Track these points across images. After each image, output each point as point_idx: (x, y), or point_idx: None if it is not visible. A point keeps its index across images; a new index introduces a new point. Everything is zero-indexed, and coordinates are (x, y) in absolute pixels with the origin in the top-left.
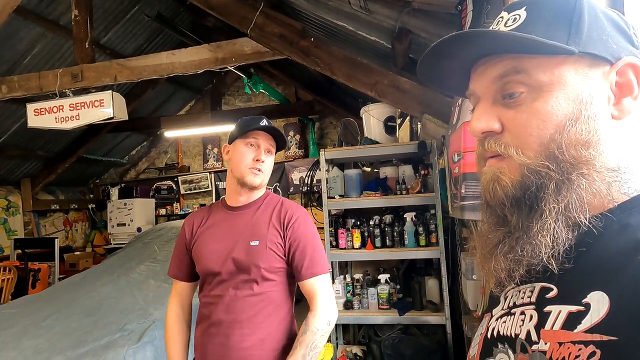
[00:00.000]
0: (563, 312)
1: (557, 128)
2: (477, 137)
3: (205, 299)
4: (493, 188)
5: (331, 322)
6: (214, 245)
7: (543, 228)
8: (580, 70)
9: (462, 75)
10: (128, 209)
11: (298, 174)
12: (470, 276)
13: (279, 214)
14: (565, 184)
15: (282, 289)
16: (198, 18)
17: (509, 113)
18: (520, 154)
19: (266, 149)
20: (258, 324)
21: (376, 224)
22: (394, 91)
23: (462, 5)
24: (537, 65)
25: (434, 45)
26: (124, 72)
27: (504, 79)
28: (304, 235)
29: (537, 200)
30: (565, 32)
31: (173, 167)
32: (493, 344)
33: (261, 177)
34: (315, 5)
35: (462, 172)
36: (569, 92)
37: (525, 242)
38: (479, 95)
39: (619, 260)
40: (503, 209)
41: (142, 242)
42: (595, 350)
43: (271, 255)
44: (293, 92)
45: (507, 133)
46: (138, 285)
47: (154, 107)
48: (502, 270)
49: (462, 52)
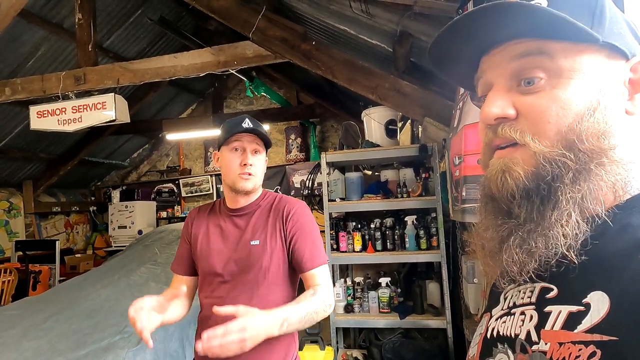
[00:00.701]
0: (563, 312)
1: (576, 117)
2: (489, 123)
3: (207, 300)
4: (502, 179)
5: (331, 306)
6: (215, 246)
7: (561, 217)
8: (600, 61)
9: (471, 62)
10: (129, 212)
11: (299, 177)
12: (471, 280)
13: (278, 209)
14: (583, 174)
15: (284, 289)
16: (200, 22)
17: (526, 99)
18: (537, 141)
19: (253, 150)
20: None
21: (377, 227)
22: (395, 94)
23: (463, 9)
24: (560, 49)
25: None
26: (127, 75)
27: (525, 59)
28: (304, 227)
29: (551, 191)
30: (589, 20)
31: (174, 169)
32: (492, 344)
33: (253, 181)
34: (317, 9)
35: (463, 175)
36: (589, 81)
37: (539, 234)
38: (490, 80)
39: (620, 260)
40: (510, 202)
41: (142, 244)
42: (595, 350)
43: (272, 254)
44: (294, 95)
45: (522, 119)
46: (138, 288)
47: (156, 110)
48: (514, 264)
49: (483, 30)
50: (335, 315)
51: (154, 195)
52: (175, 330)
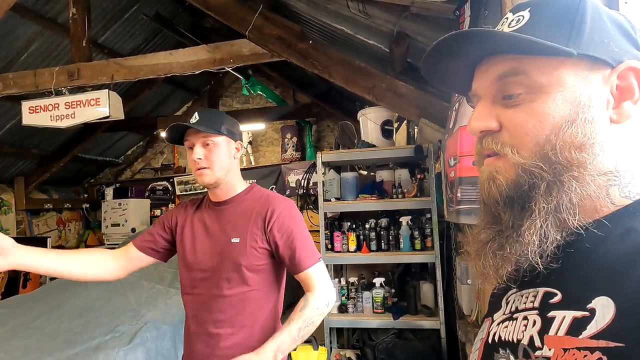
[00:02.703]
0: (567, 317)
1: (553, 129)
2: (475, 136)
3: (188, 297)
4: (488, 187)
5: (330, 304)
6: (196, 242)
7: (531, 226)
8: (580, 73)
9: (467, 74)
10: (122, 209)
11: (294, 176)
12: (465, 281)
13: (261, 211)
14: (557, 184)
15: (265, 287)
16: (197, 19)
17: (507, 112)
18: (515, 153)
19: (202, 144)
20: (240, 323)
21: (372, 227)
22: (392, 95)
23: (460, 11)
24: (537, 66)
25: (435, 44)
26: (121, 72)
27: (503, 80)
28: (290, 230)
29: (528, 200)
30: (567, 33)
31: (169, 167)
32: (494, 349)
33: (209, 175)
34: (314, 8)
35: (458, 177)
36: (567, 94)
37: (515, 240)
38: (480, 95)
39: (624, 265)
40: (497, 208)
41: None
42: (601, 356)
43: (252, 253)
44: (291, 94)
45: (505, 132)
46: (130, 287)
47: (151, 107)
48: (489, 267)
49: (464, 51)
50: (329, 315)
51: (148, 193)
52: (168, 330)
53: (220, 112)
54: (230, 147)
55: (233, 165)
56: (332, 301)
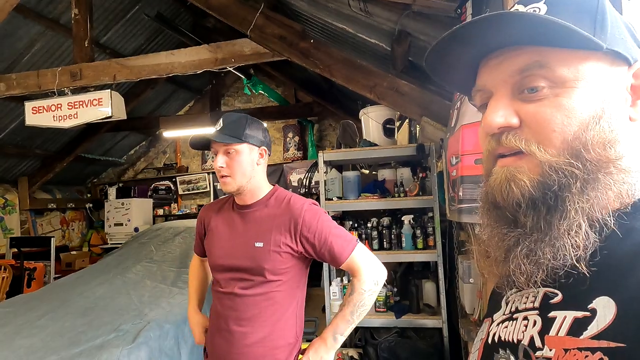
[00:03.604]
0: (568, 317)
1: (581, 125)
2: (491, 133)
3: (216, 293)
4: (508, 188)
5: (379, 282)
6: (222, 244)
7: (571, 228)
8: (603, 68)
9: (468, 69)
10: (125, 209)
11: (296, 175)
12: (467, 279)
13: (285, 218)
14: (591, 183)
15: (288, 289)
16: (198, 19)
17: (529, 107)
18: (542, 150)
19: (224, 152)
20: (261, 323)
21: (374, 226)
22: (393, 94)
23: (462, 9)
24: (561, 59)
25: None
26: (123, 72)
27: (525, 73)
28: (320, 229)
29: (558, 200)
30: (591, 27)
31: (171, 167)
32: (494, 350)
33: (231, 183)
34: (315, 7)
35: (460, 175)
36: (593, 89)
37: (547, 244)
38: (490, 89)
39: (625, 265)
40: (516, 211)
41: (139, 242)
42: (602, 357)
43: (275, 257)
44: (292, 93)
45: (526, 128)
46: (134, 286)
47: (153, 107)
48: (521, 274)
49: (483, 38)
50: (331, 314)
51: (151, 193)
52: (171, 329)
53: (243, 117)
54: (253, 154)
55: (256, 172)
56: (382, 278)
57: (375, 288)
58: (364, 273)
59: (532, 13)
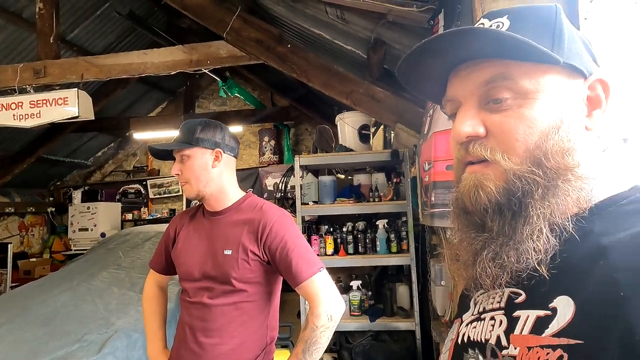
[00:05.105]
0: (531, 316)
1: (542, 135)
2: (460, 141)
3: (184, 303)
4: (476, 194)
5: (334, 317)
6: (191, 252)
7: (533, 233)
8: (561, 81)
9: (439, 79)
10: (91, 213)
11: (272, 179)
12: (439, 282)
13: (254, 224)
14: (551, 190)
15: (258, 299)
16: (172, 18)
17: (494, 117)
18: (506, 159)
19: (178, 160)
20: (230, 333)
21: (349, 230)
22: (369, 100)
23: (434, 21)
24: (523, 72)
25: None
26: (92, 70)
27: (491, 84)
28: (285, 242)
29: (522, 206)
30: (549, 42)
31: (142, 170)
32: (464, 350)
33: (188, 189)
34: (293, 12)
35: (432, 181)
36: (552, 101)
37: (511, 247)
38: (459, 100)
39: (583, 265)
40: (483, 216)
41: (105, 247)
42: (562, 354)
43: (243, 265)
44: (269, 97)
45: (492, 138)
46: (100, 293)
47: (123, 108)
48: (487, 277)
49: (452, 50)
50: None
51: (119, 197)
52: (139, 338)
53: (200, 122)
54: (205, 157)
55: (214, 176)
56: (338, 313)
57: (329, 324)
58: (319, 303)
59: (494, 29)
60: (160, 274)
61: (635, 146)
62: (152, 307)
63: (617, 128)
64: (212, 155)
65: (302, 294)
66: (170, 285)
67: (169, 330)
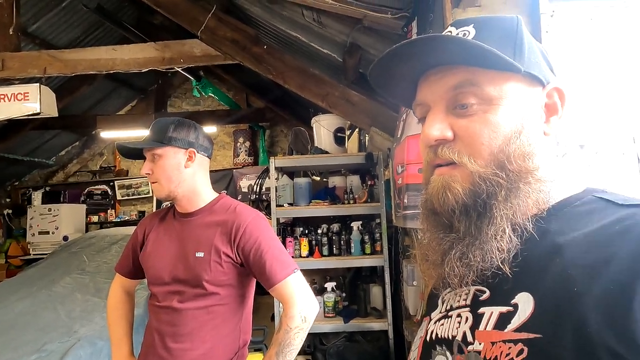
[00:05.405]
0: (495, 313)
1: (505, 139)
2: (429, 144)
3: (153, 307)
4: (444, 195)
5: (308, 318)
6: (161, 254)
7: (497, 233)
8: (522, 88)
9: (409, 83)
10: (53, 216)
11: (247, 181)
12: (411, 282)
13: (228, 225)
14: (513, 192)
15: (231, 302)
16: (144, 14)
17: (461, 122)
18: (473, 162)
19: (149, 159)
20: (201, 338)
21: (324, 232)
22: (344, 103)
23: (408, 28)
24: (488, 79)
25: (403, 44)
26: (56, 65)
27: (459, 90)
28: (258, 243)
29: (487, 207)
30: (511, 52)
31: (109, 170)
32: (432, 347)
33: (159, 189)
34: (269, 13)
35: (405, 183)
36: (514, 107)
37: (477, 247)
38: (428, 104)
39: (542, 263)
40: (451, 217)
41: (68, 251)
42: (523, 347)
43: (216, 267)
44: (244, 98)
45: (459, 141)
46: (62, 300)
47: (90, 105)
48: (455, 276)
49: (422, 56)
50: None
51: (84, 198)
52: (105, 346)
53: (172, 121)
54: (178, 157)
55: (186, 176)
56: (312, 314)
57: (303, 325)
58: (293, 305)
59: (461, 37)
60: (126, 277)
61: (591, 151)
62: (118, 313)
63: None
64: (186, 155)
65: (276, 296)
66: (139, 290)
67: (137, 336)
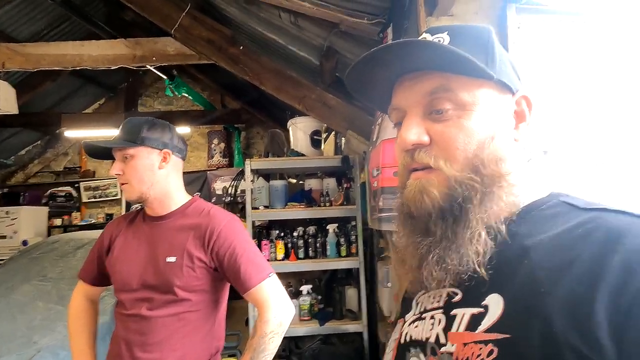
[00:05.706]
0: (467, 314)
1: (479, 144)
2: (406, 149)
3: (120, 316)
4: (420, 199)
5: (284, 323)
6: (129, 259)
7: (473, 236)
8: (494, 95)
9: (385, 88)
10: (11, 219)
11: (221, 183)
12: (385, 284)
13: (201, 229)
14: (488, 195)
15: (203, 308)
16: (114, 9)
17: (437, 127)
18: (449, 166)
19: (121, 158)
20: (171, 347)
21: (300, 235)
22: (321, 106)
23: (384, 34)
24: (461, 85)
25: (379, 48)
26: (16, 59)
27: (434, 95)
28: (233, 247)
29: (462, 211)
30: (484, 59)
31: (74, 171)
32: (406, 349)
33: (130, 190)
34: (246, 14)
35: (380, 186)
36: (487, 113)
37: (453, 251)
38: (404, 109)
39: (512, 265)
40: (428, 220)
41: (28, 257)
42: (493, 348)
43: (188, 272)
44: (219, 98)
45: (435, 146)
46: (21, 308)
47: (54, 102)
48: (433, 280)
49: (397, 61)
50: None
51: (46, 200)
52: (67, 356)
53: (142, 120)
54: (152, 158)
55: (160, 178)
56: (288, 319)
57: (279, 330)
58: (268, 309)
59: (437, 42)
60: (90, 285)
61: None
62: (80, 322)
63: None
64: (160, 155)
65: (250, 301)
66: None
67: (103, 346)
